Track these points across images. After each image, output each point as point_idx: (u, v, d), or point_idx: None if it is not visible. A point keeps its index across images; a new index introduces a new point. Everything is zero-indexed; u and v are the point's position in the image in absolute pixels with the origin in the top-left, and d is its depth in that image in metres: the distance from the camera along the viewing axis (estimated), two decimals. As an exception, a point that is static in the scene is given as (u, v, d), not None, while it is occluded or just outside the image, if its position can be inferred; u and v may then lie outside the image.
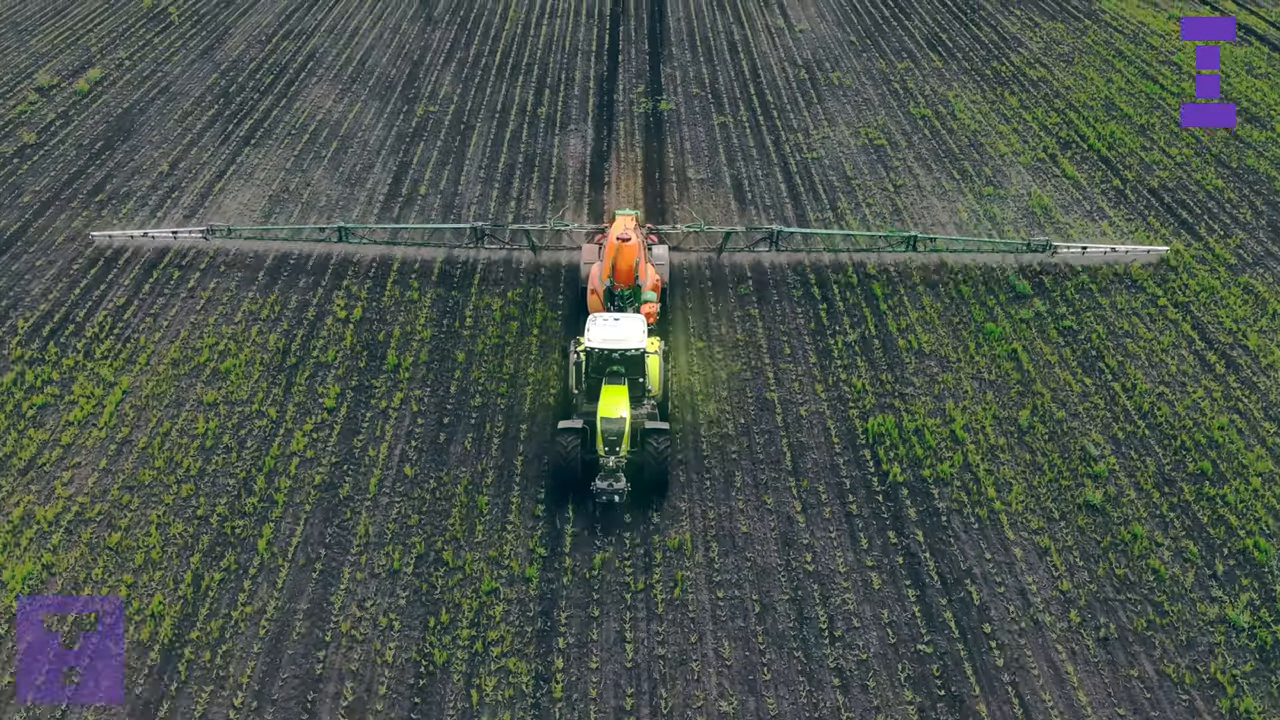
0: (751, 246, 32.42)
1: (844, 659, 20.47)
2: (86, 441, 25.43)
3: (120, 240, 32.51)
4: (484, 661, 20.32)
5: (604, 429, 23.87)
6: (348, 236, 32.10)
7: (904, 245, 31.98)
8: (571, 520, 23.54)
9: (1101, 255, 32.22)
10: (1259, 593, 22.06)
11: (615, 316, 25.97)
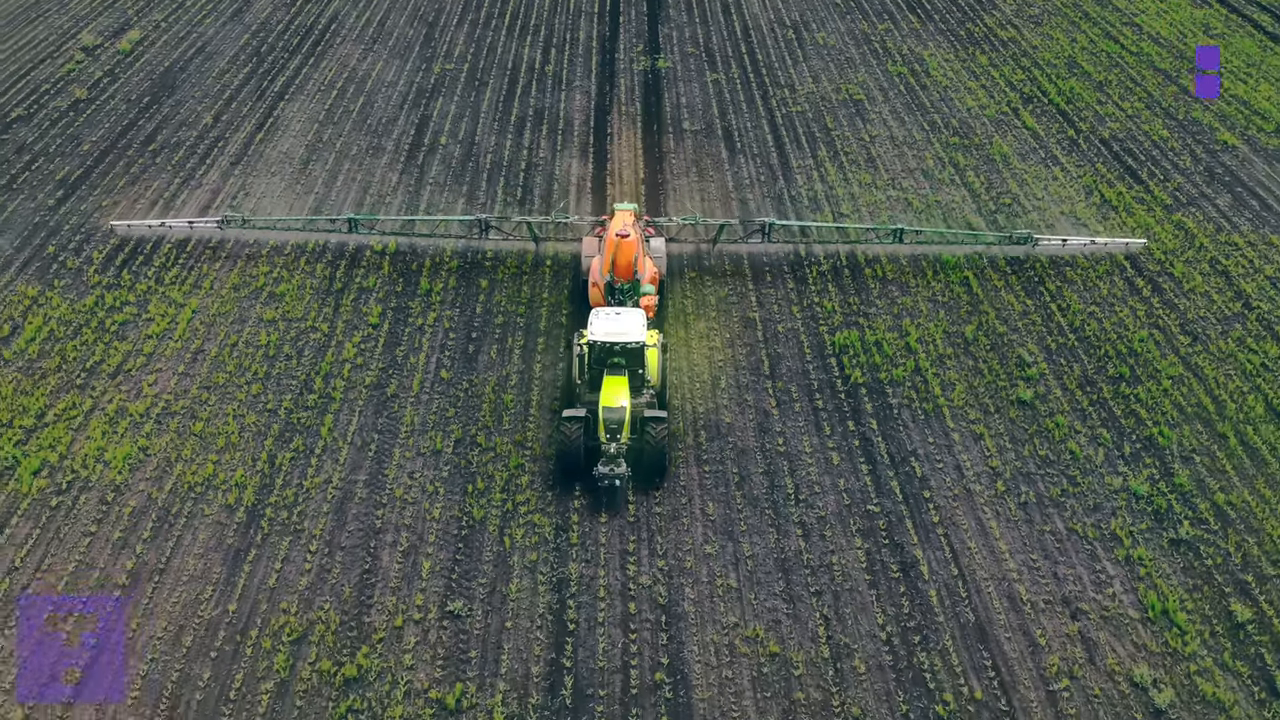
0: (745, 238, 34.43)
1: (806, 515, 25.38)
2: (165, 351, 30.20)
3: (138, 230, 34.50)
4: (513, 517, 25.23)
5: (606, 417, 25.82)
6: (357, 227, 34.00)
7: (892, 237, 33.84)
8: (582, 413, 28.36)
9: (1081, 246, 34.03)
10: (1159, 469, 26.91)
11: (616, 311, 27.81)
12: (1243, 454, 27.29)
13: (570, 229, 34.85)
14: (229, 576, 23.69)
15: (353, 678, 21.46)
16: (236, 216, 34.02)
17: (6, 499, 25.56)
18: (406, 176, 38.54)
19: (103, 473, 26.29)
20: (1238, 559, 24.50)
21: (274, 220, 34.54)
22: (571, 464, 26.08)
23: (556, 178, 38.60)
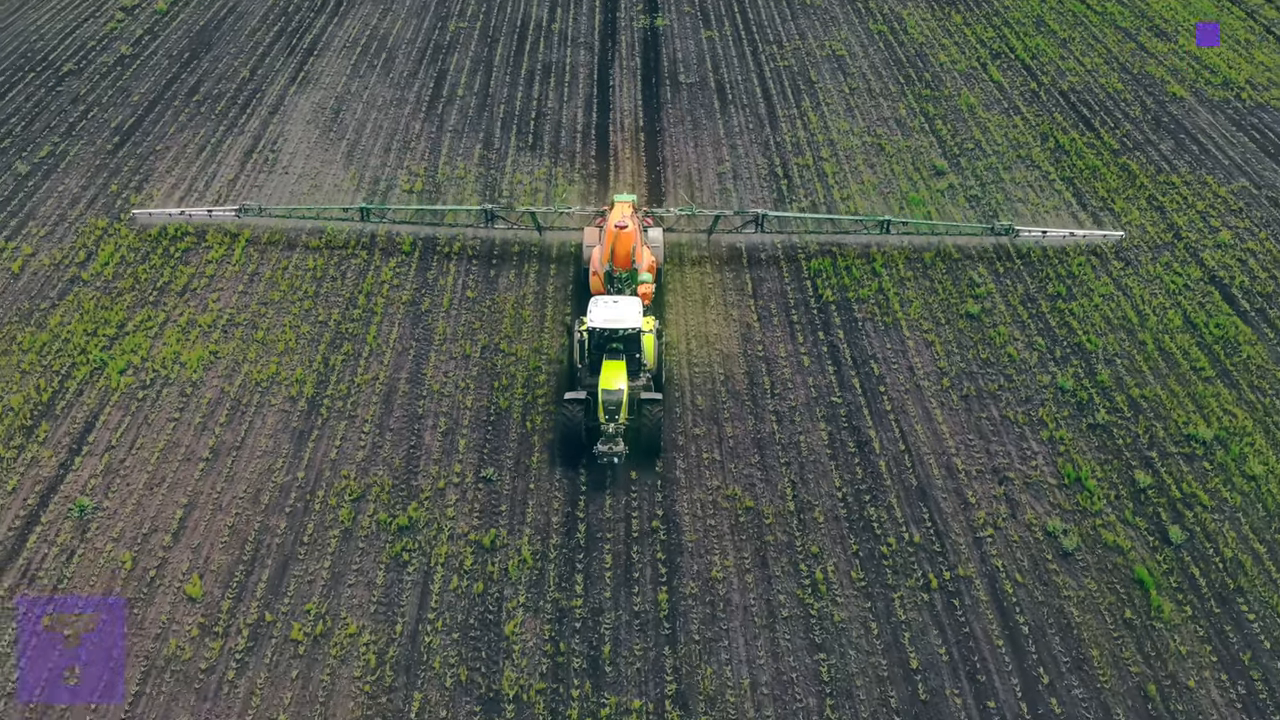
0: (739, 228, 36.64)
1: (779, 406, 30.53)
2: (225, 273, 35.23)
3: (159, 218, 36.92)
4: (533, 407, 30.36)
5: (605, 399, 27.75)
6: (369, 216, 36.31)
7: (879, 228, 36.18)
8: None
9: (1060, 239, 36.28)
10: (1084, 369, 32.00)
11: (614, 299, 29.69)
12: (1158, 358, 32.38)
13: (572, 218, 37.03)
14: (295, 452, 28.86)
15: (404, 525, 26.67)
16: (254, 206, 36.43)
17: (99, 393, 30.68)
18: (428, 125, 43.37)
19: (180, 372, 31.40)
20: (1145, 440, 29.65)
21: (289, 209, 37.05)
22: (573, 442, 28.31)
23: (564, 125, 43.43)
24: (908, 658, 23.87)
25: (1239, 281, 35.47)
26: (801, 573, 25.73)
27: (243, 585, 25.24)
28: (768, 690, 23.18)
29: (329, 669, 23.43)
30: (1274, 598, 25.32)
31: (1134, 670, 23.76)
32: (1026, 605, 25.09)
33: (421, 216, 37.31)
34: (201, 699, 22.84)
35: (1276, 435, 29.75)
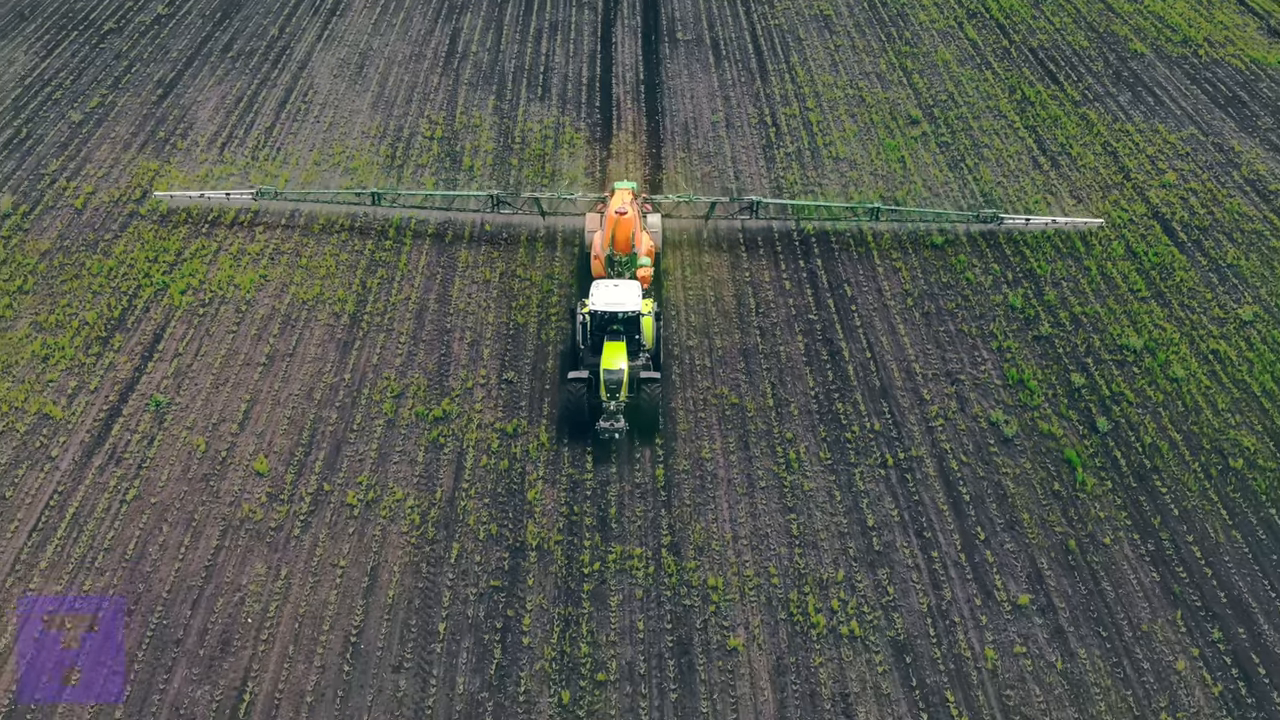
0: (734, 215, 39.04)
1: (762, 322, 35.33)
2: (269, 209, 39.92)
3: (179, 200, 39.38)
4: (547, 321, 35.16)
5: (606, 378, 29.75)
6: (380, 200, 38.62)
7: (869, 215, 38.74)
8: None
9: (1043, 226, 38.70)
10: (1033, 290, 36.75)
11: (615, 283, 31.65)
12: (1100, 281, 37.15)
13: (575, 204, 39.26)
14: (341, 358, 33.71)
15: (439, 416, 31.54)
16: (270, 189, 38.83)
17: (164, 310, 35.49)
18: (445, 78, 47.94)
19: (234, 292, 36.19)
20: (1082, 348, 34.48)
21: (303, 192, 39.53)
22: (576, 419, 30.44)
23: (570, 78, 47.98)
24: (865, 518, 28.82)
25: (1179, 216, 40.18)
26: (777, 453, 30.62)
27: (302, 463, 30.17)
28: (746, 541, 28.13)
29: (380, 526, 28.38)
30: (1185, 475, 30.20)
31: (1058, 529, 28.70)
32: (969, 479, 30.02)
33: (431, 201, 39.66)
34: (272, 550, 27.80)
35: (1199, 345, 34.57)
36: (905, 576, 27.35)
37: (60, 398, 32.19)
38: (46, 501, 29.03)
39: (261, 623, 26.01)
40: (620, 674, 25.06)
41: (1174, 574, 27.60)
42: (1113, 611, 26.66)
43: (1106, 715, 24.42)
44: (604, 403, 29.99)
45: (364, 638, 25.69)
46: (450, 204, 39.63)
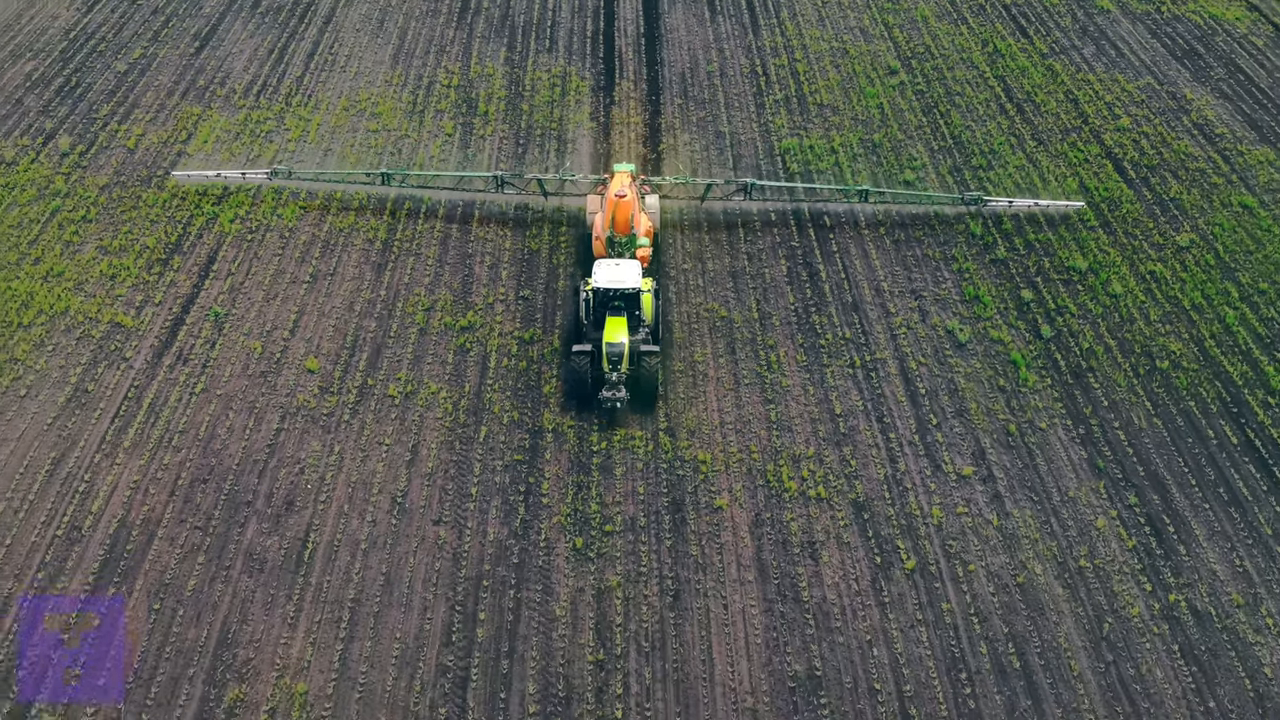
0: (729, 196, 41.84)
1: (749, 248, 40.34)
2: (304, 151, 44.83)
3: (197, 180, 42.09)
4: (557, 248, 40.16)
5: (608, 352, 32.11)
6: (389, 180, 41.04)
7: (858, 197, 41.37)
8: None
9: (1026, 207, 41.47)
10: (992, 219, 41.71)
11: (616, 262, 34.09)
12: (1054, 212, 42.09)
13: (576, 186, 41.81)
14: (376, 277, 38.74)
15: (465, 326, 36.60)
16: (284, 169, 41.60)
17: (215, 236, 40.46)
18: (460, 32, 52.67)
19: (278, 222, 41.16)
20: (1033, 269, 39.49)
21: (317, 172, 42.20)
22: (580, 390, 32.96)
23: (575, 32, 52.70)
24: (834, 407, 33.97)
25: (1130, 157, 45.09)
26: (759, 357, 35.70)
27: (348, 363, 35.27)
28: (732, 426, 33.29)
29: (418, 412, 33.52)
30: (1116, 374, 35.29)
31: (1001, 417, 33.85)
32: (925, 376, 35.14)
33: (440, 182, 42.12)
34: (326, 431, 32.95)
35: (1138, 268, 39.58)
36: (866, 453, 32.52)
37: (129, 309, 37.24)
38: (125, 394, 34.15)
39: (319, 488, 31.20)
40: (624, 526, 30.26)
41: (1100, 452, 32.76)
42: (1044, 481, 31.84)
43: (1034, 561, 29.62)
44: (606, 374, 32.57)
45: (408, 498, 30.88)
46: (457, 184, 42.37)
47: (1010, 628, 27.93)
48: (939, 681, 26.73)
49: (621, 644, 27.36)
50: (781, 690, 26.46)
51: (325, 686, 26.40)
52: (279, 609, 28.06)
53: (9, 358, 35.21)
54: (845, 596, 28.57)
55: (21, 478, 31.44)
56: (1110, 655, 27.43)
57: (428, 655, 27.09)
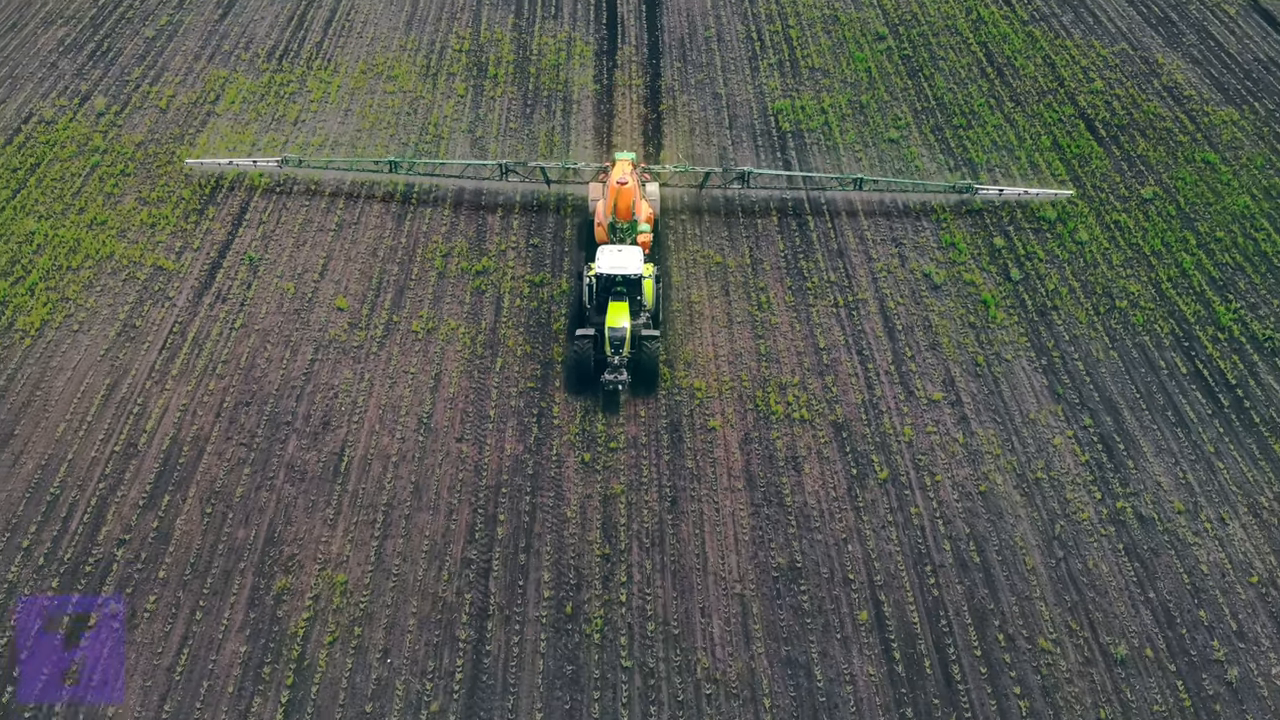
0: (726, 184, 43.76)
1: (743, 202, 43.88)
2: (325, 111, 48.31)
3: (209, 166, 44.10)
4: (565, 200, 43.70)
5: (610, 335, 33.61)
6: (397, 169, 42.79)
7: (852, 185, 43.24)
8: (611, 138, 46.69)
9: (1015, 196, 43.07)
10: (969, 173, 45.21)
11: (619, 249, 35.44)
12: (1027, 167, 45.64)
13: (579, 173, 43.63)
14: (398, 226, 42.31)
15: (480, 270, 40.22)
16: (294, 157, 43.57)
17: (246, 189, 43.99)
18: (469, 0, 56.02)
19: (306, 176, 44.68)
20: (1006, 219, 43.05)
21: (326, 160, 44.23)
22: (583, 372, 34.34)
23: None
24: (818, 342, 37.64)
25: (1102, 117, 48.58)
26: (751, 298, 39.34)
27: (374, 302, 38.90)
28: (725, 358, 36.96)
29: (439, 345, 37.20)
30: (1078, 311, 38.89)
31: (970, 349, 37.52)
32: (902, 314, 38.79)
33: (446, 169, 43.83)
34: (356, 361, 36.62)
35: (1104, 217, 43.14)
36: (846, 381, 36.21)
37: (170, 254, 40.85)
38: (170, 329, 37.81)
39: (352, 410, 34.91)
40: (628, 443, 33.98)
41: (1060, 380, 36.44)
42: (1007, 405, 35.54)
43: (995, 473, 33.36)
44: (608, 357, 34.15)
45: (433, 419, 34.60)
46: (463, 171, 43.95)
47: (971, 529, 31.70)
48: (906, 573, 30.51)
49: (625, 541, 31.12)
50: (766, 579, 30.24)
51: (363, 577, 30.17)
52: (319, 513, 31.82)
53: (61, 297, 38.84)
54: (824, 502, 32.33)
55: (79, 401, 35.13)
56: (1061, 552, 31.19)
57: (454, 550, 30.87)
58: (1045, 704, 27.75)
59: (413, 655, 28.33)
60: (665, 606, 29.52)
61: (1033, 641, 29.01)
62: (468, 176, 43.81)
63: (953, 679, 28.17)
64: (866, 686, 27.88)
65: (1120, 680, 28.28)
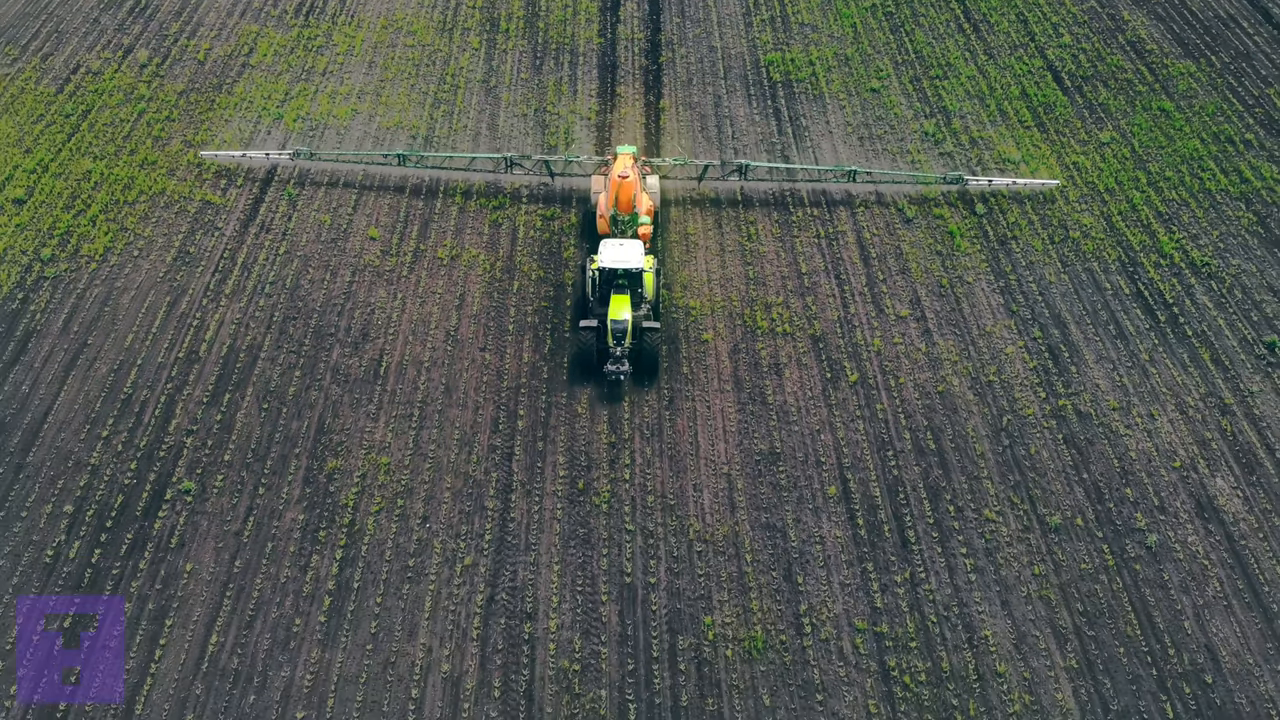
0: (724, 177, 46.07)
1: (735, 143, 48.97)
2: (350, 63, 53.32)
3: (223, 159, 47.04)
4: (573, 141, 48.77)
5: (612, 327, 35.62)
6: (405, 162, 45.60)
7: (847, 177, 45.91)
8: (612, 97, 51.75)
9: (1005, 185, 45.66)
10: (943, 120, 50.22)
11: (620, 243, 37.45)
12: (997, 114, 50.70)
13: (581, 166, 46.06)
14: (420, 166, 47.41)
15: (496, 205, 45.41)
16: (305, 150, 46.34)
17: (283, 132, 49.10)
18: (481, -40, 60.85)
19: (334, 120, 49.81)
20: (974, 159, 48.15)
21: (337, 153, 46.83)
22: (586, 361, 36.73)
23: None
24: (800, 268, 42.87)
25: (1068, 69, 53.57)
26: (741, 230, 44.52)
27: (402, 233, 44.12)
28: (717, 282, 42.21)
29: (462, 271, 42.47)
30: (1035, 241, 44.07)
31: (936, 274, 42.74)
32: (876, 244, 44.02)
33: (453, 162, 46.57)
34: (389, 283, 41.89)
35: (1064, 158, 48.25)
36: (824, 301, 41.49)
37: (216, 190, 46.03)
38: (221, 254, 43.05)
39: (388, 323, 40.21)
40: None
41: (1014, 299, 41.71)
42: (966, 320, 40.82)
43: (952, 376, 38.66)
44: (610, 348, 36.35)
45: (459, 332, 39.90)
46: (469, 163, 46.50)
47: (929, 421, 37.06)
48: (871, 457, 35.90)
49: (629, 431, 36.47)
50: (750, 462, 35.63)
51: (403, 459, 35.57)
52: (363, 408, 37.18)
53: (120, 228, 44.05)
54: (801, 400, 37.68)
55: (144, 316, 40.43)
56: (1007, 441, 36.57)
57: (481, 439, 36.25)
58: (988, 562, 33.18)
59: (448, 521, 33.77)
60: (663, 483, 34.93)
61: (979, 512, 34.42)
62: (474, 170, 46.83)
63: (908, 541, 33.60)
64: (833, 545, 33.33)
65: (1053, 544, 33.69)
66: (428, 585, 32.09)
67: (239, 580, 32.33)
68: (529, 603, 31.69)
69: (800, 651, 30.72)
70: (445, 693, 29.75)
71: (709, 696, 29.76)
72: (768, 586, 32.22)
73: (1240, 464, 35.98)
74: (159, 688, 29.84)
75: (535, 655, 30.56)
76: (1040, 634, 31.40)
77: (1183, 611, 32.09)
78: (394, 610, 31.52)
